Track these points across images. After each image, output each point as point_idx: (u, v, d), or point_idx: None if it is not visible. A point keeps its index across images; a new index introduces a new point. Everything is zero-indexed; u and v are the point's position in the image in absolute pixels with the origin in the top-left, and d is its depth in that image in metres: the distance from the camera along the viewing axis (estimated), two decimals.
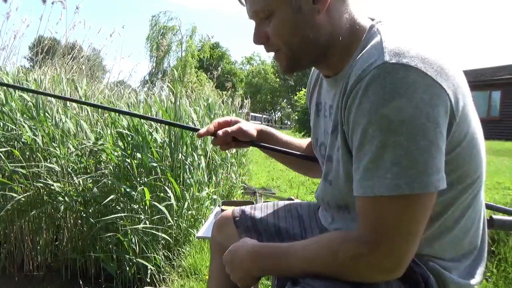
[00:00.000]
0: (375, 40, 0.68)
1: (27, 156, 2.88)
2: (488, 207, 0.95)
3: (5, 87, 2.99)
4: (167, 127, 2.92)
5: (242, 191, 4.12)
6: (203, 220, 2.82)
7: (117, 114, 3.03)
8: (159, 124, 3.09)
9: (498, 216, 0.91)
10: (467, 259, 0.76)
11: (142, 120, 2.87)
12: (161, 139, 2.94)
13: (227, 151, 3.74)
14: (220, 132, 0.98)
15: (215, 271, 1.10)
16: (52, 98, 3.21)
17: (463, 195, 0.70)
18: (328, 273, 0.67)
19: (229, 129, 0.99)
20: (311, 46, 0.75)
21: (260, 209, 1.08)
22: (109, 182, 2.75)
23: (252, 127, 1.03)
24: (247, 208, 1.08)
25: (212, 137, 1.01)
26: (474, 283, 0.74)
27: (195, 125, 3.31)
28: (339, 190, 0.77)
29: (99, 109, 3.42)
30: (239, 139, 1.01)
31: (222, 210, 1.55)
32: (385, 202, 0.61)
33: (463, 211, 0.72)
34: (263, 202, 1.15)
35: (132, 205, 2.64)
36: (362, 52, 0.69)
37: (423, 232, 0.63)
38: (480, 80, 14.93)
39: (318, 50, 0.75)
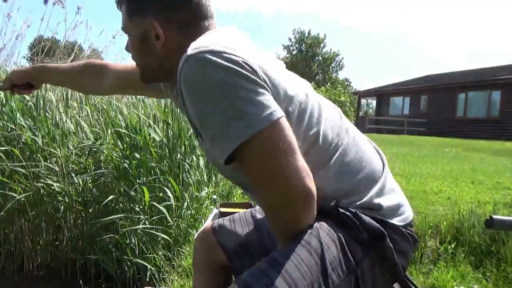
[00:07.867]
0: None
1: (27, 156, 2.87)
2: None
3: None
4: (165, 126, 2.92)
5: (242, 191, 4.10)
6: (202, 220, 2.82)
7: (115, 114, 3.03)
8: (157, 122, 3.08)
9: (498, 216, 0.91)
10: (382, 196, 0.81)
11: (141, 120, 2.87)
12: (159, 139, 2.93)
13: None
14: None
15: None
16: (53, 98, 3.21)
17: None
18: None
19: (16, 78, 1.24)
20: (153, 69, 0.89)
21: (240, 221, 1.09)
22: (109, 182, 2.75)
23: (25, 68, 1.26)
24: (226, 221, 1.09)
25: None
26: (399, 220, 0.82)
27: None
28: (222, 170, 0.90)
29: (99, 109, 3.43)
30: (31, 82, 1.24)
31: (220, 212, 1.54)
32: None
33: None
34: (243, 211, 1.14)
35: (131, 205, 2.64)
36: None
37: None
38: (480, 80, 14.93)
39: (161, 72, 0.88)
